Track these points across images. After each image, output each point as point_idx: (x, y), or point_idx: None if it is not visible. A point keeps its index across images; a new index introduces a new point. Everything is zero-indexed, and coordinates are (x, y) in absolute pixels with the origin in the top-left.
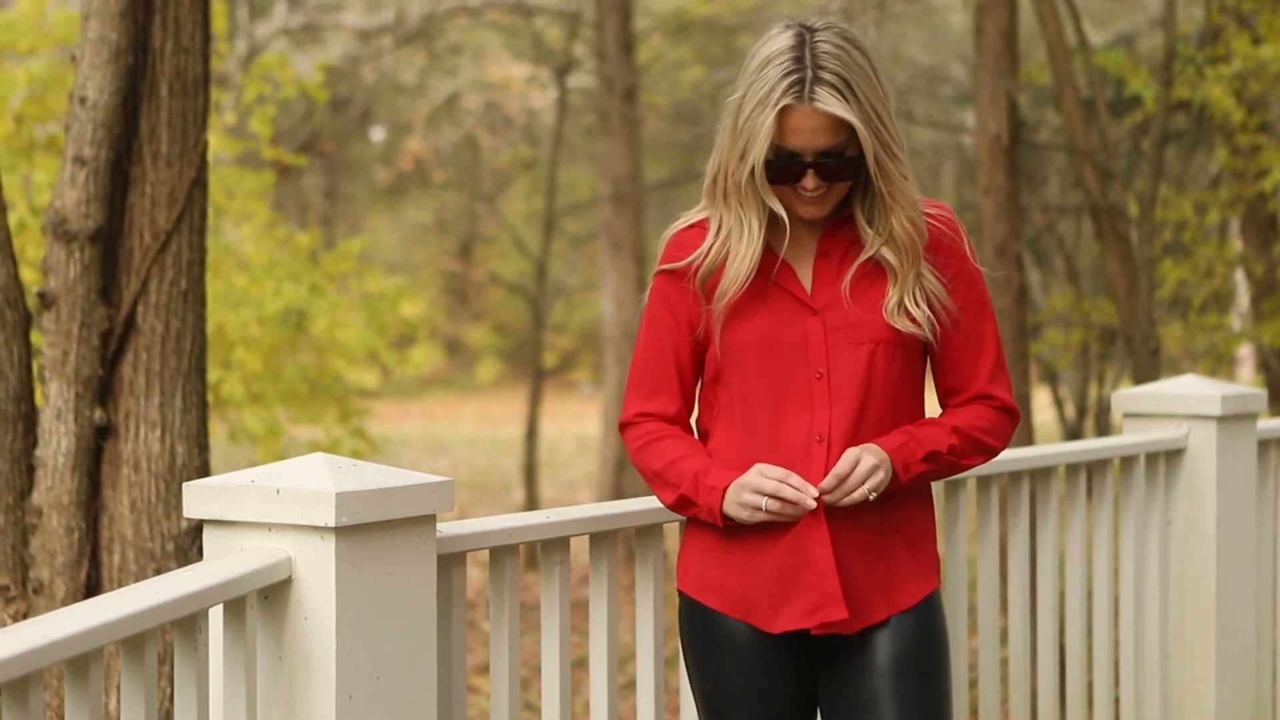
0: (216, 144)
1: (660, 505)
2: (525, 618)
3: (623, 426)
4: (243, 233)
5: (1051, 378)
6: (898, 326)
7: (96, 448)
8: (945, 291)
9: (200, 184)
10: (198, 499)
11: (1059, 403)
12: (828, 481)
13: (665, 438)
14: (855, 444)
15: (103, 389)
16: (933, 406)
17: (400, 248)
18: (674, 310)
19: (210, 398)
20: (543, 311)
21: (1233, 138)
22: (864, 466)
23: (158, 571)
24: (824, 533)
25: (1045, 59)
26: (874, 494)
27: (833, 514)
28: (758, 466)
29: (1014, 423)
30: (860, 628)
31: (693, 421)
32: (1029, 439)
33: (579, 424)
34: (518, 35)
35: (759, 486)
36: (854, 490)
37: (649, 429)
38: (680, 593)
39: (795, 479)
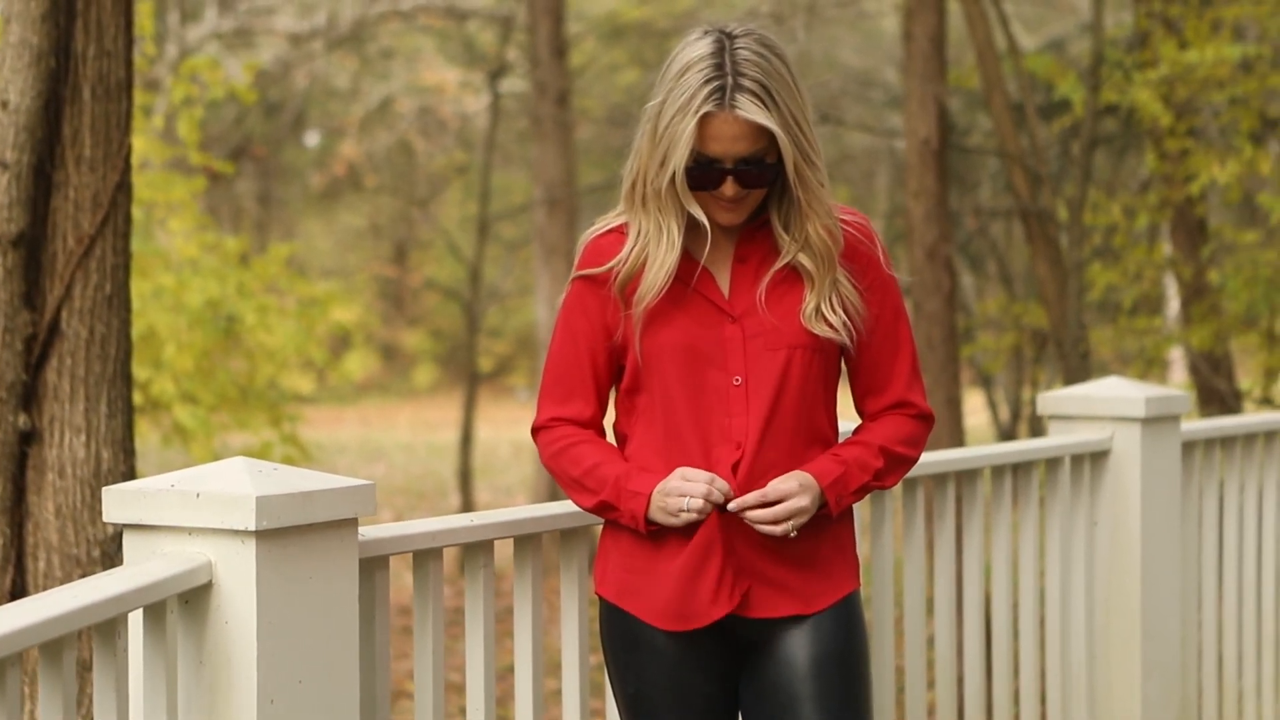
0: (146, 149)
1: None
2: (459, 622)
3: (535, 430)
4: (171, 227)
5: (985, 381)
6: (815, 332)
7: (21, 453)
8: (859, 298)
9: (124, 188)
10: (117, 504)
11: (993, 406)
12: (750, 497)
13: (581, 443)
14: (772, 450)
15: (27, 394)
16: (845, 408)
17: (334, 253)
18: (590, 316)
19: (140, 399)
20: (477, 316)
21: (1161, 142)
22: (793, 504)
23: (83, 577)
24: (720, 528)
25: (975, 63)
26: (793, 532)
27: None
28: (680, 470)
29: (930, 428)
30: (769, 615)
31: (608, 424)
32: (960, 442)
33: (515, 429)
34: (450, 39)
35: (683, 490)
36: (774, 521)
37: (563, 434)
38: (600, 597)
39: (721, 482)
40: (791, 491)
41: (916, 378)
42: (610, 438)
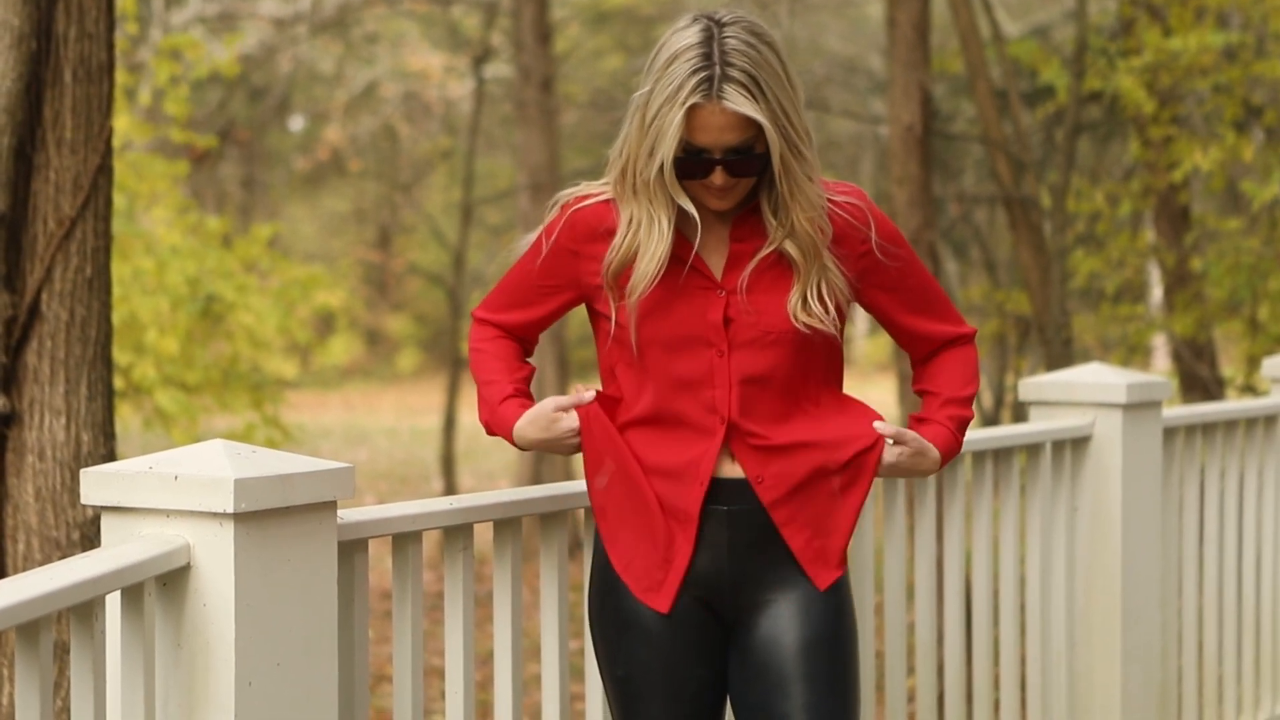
0: (129, 130)
1: (566, 492)
2: (440, 607)
3: (473, 318)
4: (154, 215)
5: None
6: (799, 325)
7: (0, 436)
8: (848, 285)
9: (105, 171)
10: (96, 486)
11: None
12: (881, 427)
13: (488, 352)
14: (758, 422)
15: (7, 377)
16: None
17: (318, 237)
18: (562, 271)
19: (122, 383)
20: (461, 301)
21: (1145, 129)
22: (896, 456)
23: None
24: (692, 528)
25: (959, 49)
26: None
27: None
28: (554, 425)
29: (974, 341)
30: (747, 610)
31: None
32: None
33: None
34: (435, 24)
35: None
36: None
37: (486, 334)
38: (591, 575)
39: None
40: (907, 441)
41: (949, 311)
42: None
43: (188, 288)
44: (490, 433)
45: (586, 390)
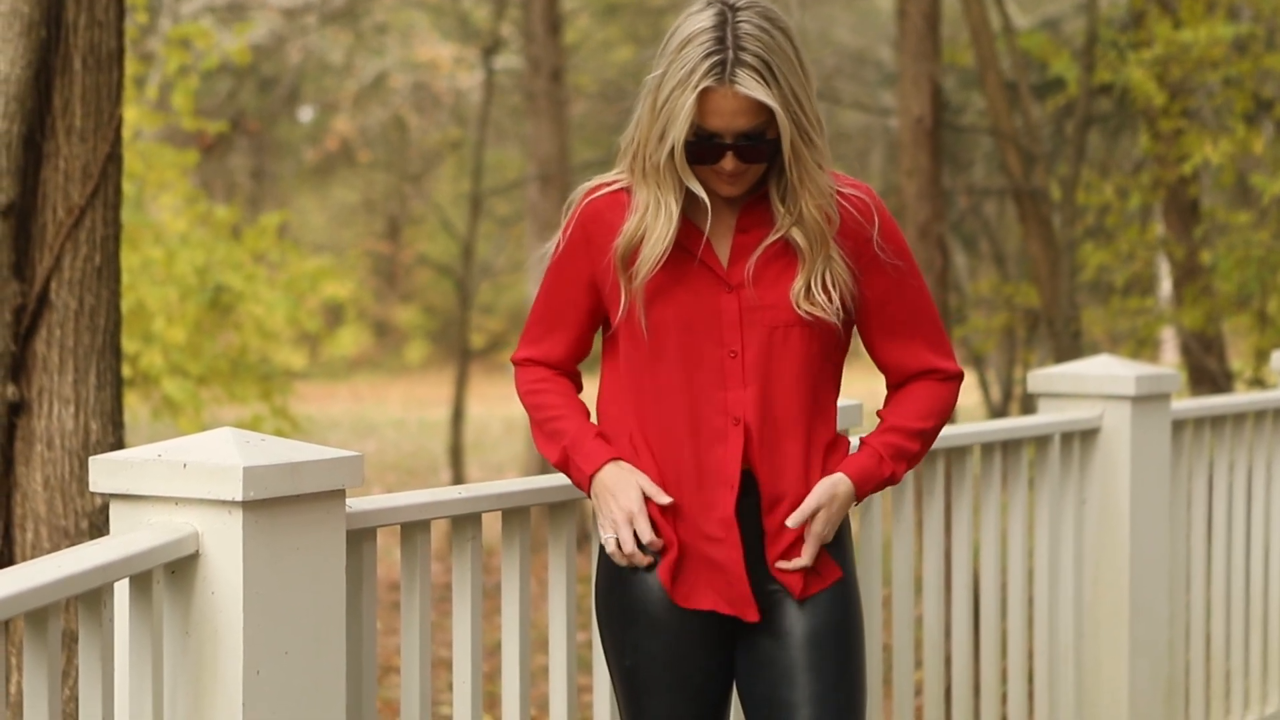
0: (139, 119)
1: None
2: (448, 599)
3: (514, 362)
4: (162, 203)
5: (977, 361)
6: (801, 312)
7: (9, 424)
8: (851, 278)
9: (115, 159)
10: (104, 473)
11: (984, 386)
12: (794, 520)
13: (549, 391)
14: (770, 426)
15: (15, 365)
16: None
17: (327, 228)
18: (579, 266)
19: (129, 372)
20: (470, 293)
21: (1155, 122)
22: (825, 522)
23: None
24: (736, 534)
25: (969, 41)
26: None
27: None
28: (616, 482)
29: (958, 384)
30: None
31: (592, 393)
32: (950, 420)
33: (507, 406)
34: (445, 15)
35: (609, 513)
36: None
37: (536, 374)
38: (599, 566)
39: (643, 525)
40: (819, 507)
41: (939, 341)
42: (596, 393)
43: (196, 278)
44: (564, 462)
45: (659, 541)
